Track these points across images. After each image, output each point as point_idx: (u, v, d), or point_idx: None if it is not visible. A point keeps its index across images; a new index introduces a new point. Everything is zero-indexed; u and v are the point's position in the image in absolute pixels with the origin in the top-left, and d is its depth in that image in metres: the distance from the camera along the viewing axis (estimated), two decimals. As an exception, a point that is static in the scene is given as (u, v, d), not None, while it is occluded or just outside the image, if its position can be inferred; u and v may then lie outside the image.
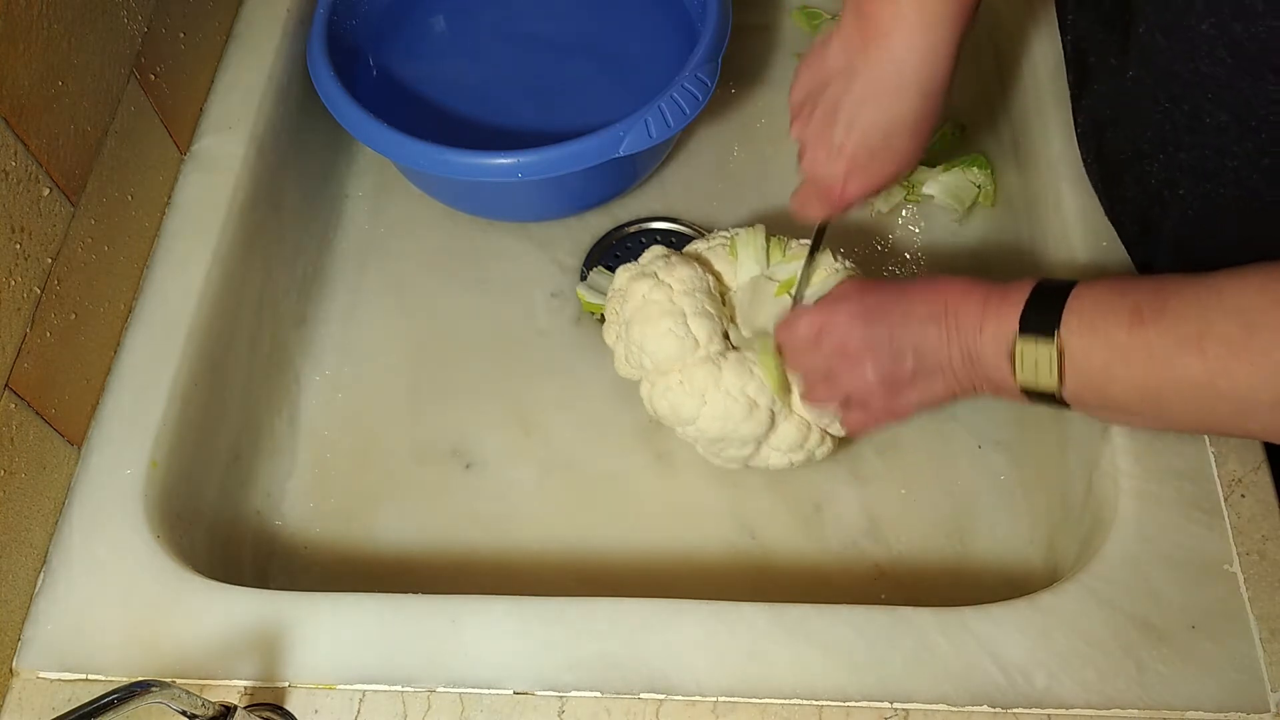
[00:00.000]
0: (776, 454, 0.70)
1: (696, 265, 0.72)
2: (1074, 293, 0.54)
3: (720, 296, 0.72)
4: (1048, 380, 0.54)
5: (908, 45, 0.62)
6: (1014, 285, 0.57)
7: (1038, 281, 0.56)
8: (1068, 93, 0.72)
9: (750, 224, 0.75)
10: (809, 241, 0.72)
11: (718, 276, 0.73)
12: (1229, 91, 0.51)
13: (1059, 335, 0.53)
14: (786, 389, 0.69)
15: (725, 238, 0.75)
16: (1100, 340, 0.52)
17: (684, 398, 0.68)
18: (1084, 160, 0.72)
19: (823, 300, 0.67)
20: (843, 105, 0.64)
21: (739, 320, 0.72)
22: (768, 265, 0.72)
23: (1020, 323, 0.55)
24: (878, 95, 0.63)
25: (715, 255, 0.74)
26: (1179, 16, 0.52)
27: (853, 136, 0.64)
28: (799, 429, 0.69)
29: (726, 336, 0.70)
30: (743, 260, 0.73)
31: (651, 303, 0.69)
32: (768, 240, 0.73)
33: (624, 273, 0.73)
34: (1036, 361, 0.54)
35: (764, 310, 0.71)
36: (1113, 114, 0.63)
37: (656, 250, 0.74)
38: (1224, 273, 0.50)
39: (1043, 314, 0.54)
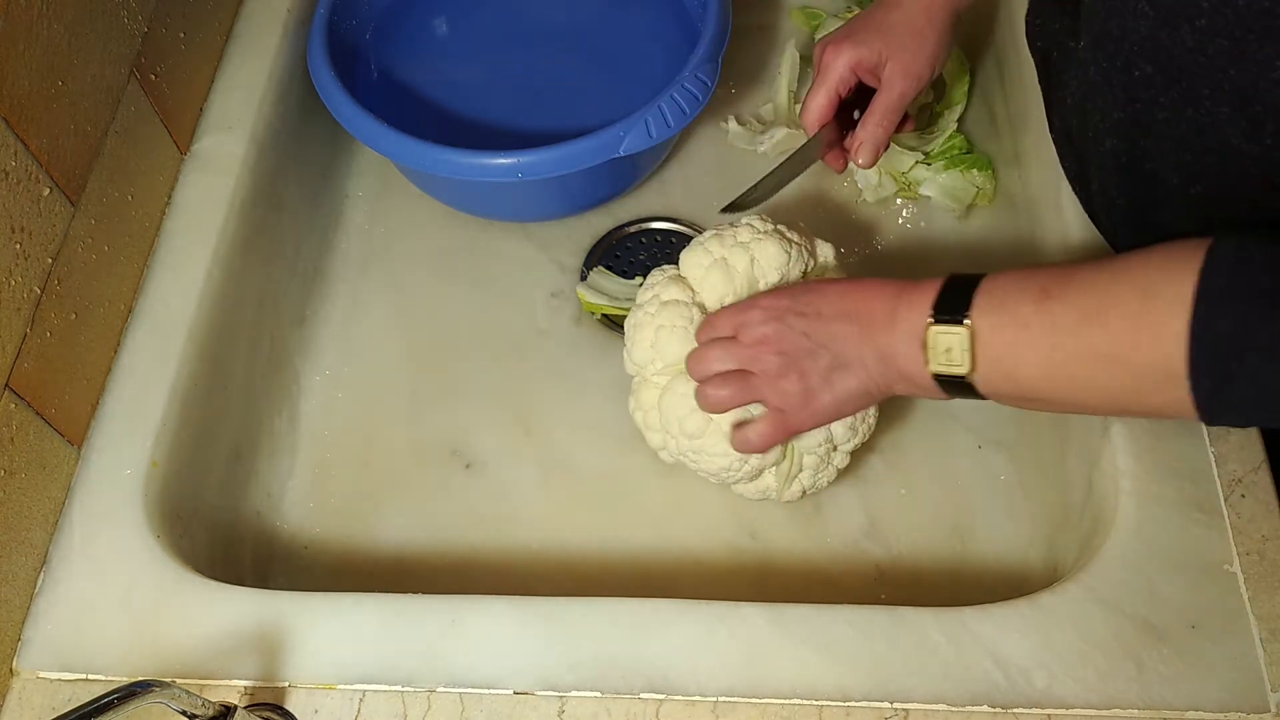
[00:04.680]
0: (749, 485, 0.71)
1: (688, 302, 0.71)
2: (985, 278, 0.55)
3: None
4: (960, 364, 0.54)
5: None
6: (928, 280, 0.57)
7: (950, 275, 0.57)
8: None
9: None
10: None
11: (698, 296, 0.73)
12: (1150, 44, 0.53)
13: (970, 318, 0.54)
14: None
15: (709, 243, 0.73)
16: (1008, 318, 0.53)
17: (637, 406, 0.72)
18: (1061, 163, 0.73)
19: (738, 303, 0.66)
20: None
21: None
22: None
23: (933, 310, 0.55)
24: None
25: (709, 272, 0.72)
26: None
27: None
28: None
29: None
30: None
31: (641, 309, 0.72)
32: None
33: (654, 274, 0.74)
34: (949, 348, 0.55)
35: None
36: (1075, 102, 0.65)
37: (654, 285, 0.73)
38: (1129, 252, 0.51)
39: (954, 299, 0.55)
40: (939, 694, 0.56)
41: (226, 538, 0.72)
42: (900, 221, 0.88)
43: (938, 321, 0.55)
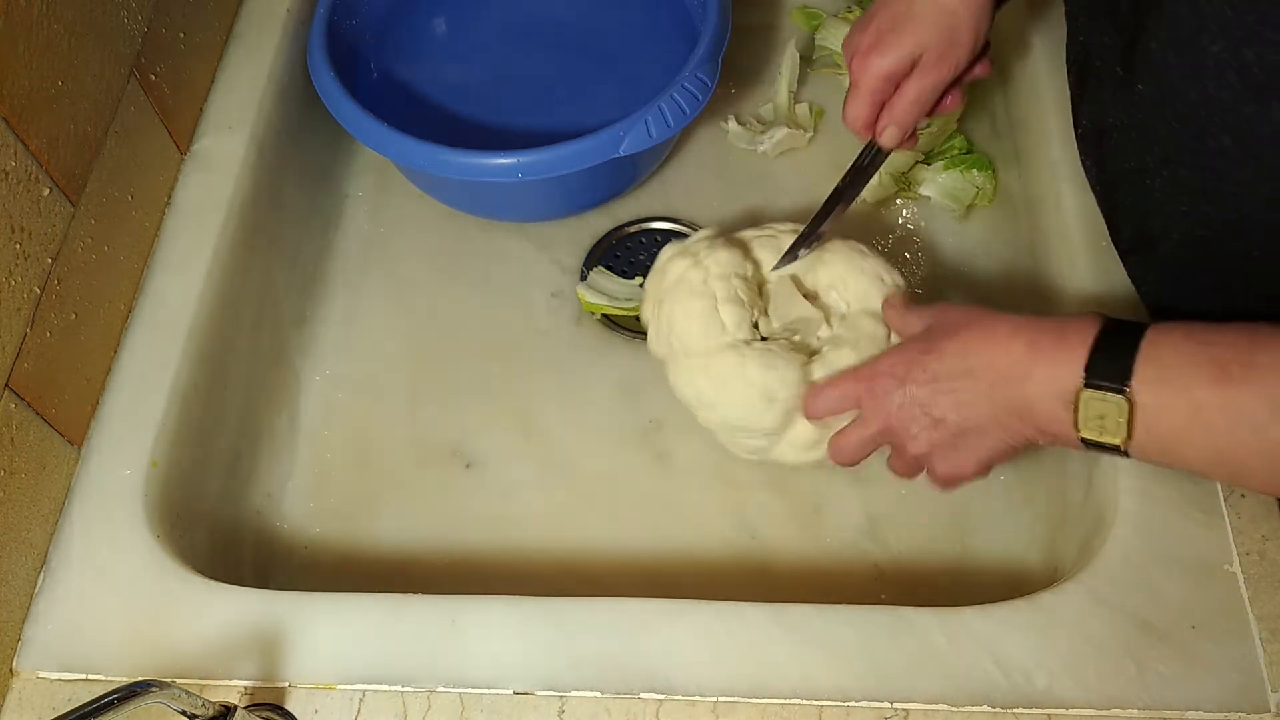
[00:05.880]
0: (792, 450, 0.69)
1: (739, 251, 0.71)
2: (1148, 338, 0.50)
3: (758, 286, 0.72)
4: (1114, 434, 0.50)
5: None
6: (1071, 325, 0.52)
7: (1102, 323, 0.52)
8: (1068, 94, 0.72)
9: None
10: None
11: (758, 265, 0.73)
12: (1233, 116, 0.50)
13: (1131, 388, 0.49)
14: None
15: (777, 230, 0.74)
16: (1180, 399, 0.48)
17: (706, 383, 0.68)
18: (1083, 162, 0.72)
19: (849, 375, 0.64)
20: None
21: (771, 313, 0.72)
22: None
23: (1087, 370, 0.51)
24: None
25: (762, 244, 0.73)
26: (1191, 37, 0.51)
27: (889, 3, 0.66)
28: (817, 428, 0.68)
29: (756, 326, 0.70)
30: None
31: (685, 282, 0.70)
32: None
33: (668, 249, 0.74)
34: (1103, 416, 0.50)
35: (792, 308, 0.71)
36: (1116, 123, 0.63)
37: (705, 231, 0.74)
38: None
39: (1113, 362, 0.50)
40: (939, 694, 0.56)
41: (226, 538, 0.72)
42: (900, 221, 0.88)
43: (1092, 385, 0.50)
